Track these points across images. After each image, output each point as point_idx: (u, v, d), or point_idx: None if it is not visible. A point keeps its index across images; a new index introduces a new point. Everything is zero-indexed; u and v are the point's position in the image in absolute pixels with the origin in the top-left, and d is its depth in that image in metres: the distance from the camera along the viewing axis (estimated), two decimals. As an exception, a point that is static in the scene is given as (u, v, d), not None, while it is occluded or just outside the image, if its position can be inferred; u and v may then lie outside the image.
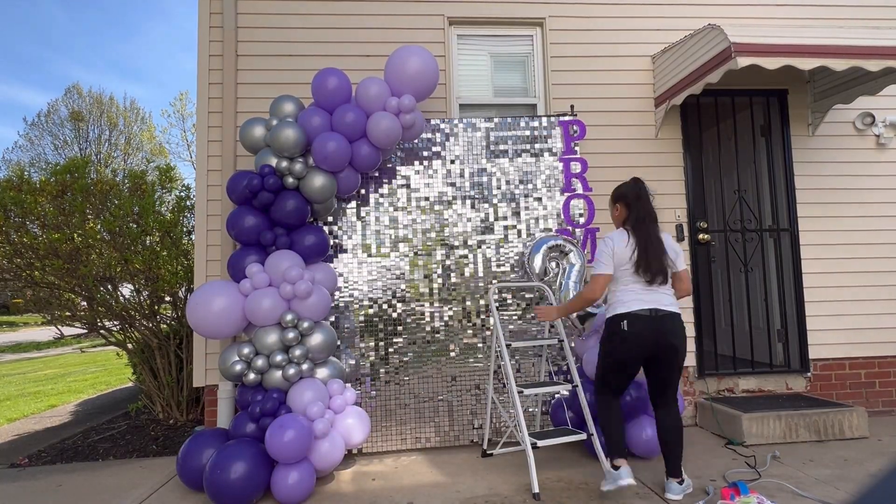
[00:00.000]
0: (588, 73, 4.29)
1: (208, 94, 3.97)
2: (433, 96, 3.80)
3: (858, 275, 4.30)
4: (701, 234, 4.26)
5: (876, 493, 0.54)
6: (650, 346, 2.67)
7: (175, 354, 4.54)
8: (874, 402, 4.25)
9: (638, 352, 2.69)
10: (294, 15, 4.13)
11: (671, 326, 2.68)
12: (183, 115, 23.09)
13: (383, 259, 3.75)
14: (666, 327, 2.67)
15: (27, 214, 4.28)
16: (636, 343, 2.66)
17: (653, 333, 2.66)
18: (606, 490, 2.70)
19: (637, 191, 2.79)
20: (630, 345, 2.68)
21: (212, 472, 2.75)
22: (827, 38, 3.45)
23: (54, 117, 22.29)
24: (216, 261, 3.84)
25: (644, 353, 2.70)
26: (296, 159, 3.32)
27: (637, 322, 2.66)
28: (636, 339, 2.66)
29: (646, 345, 2.66)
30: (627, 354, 2.70)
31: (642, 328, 2.66)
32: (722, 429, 3.76)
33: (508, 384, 3.09)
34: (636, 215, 2.75)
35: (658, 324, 2.66)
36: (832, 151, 4.41)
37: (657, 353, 2.69)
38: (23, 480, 3.38)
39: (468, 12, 4.26)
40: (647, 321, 2.66)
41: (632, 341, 2.67)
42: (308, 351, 3.14)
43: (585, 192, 3.89)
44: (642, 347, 2.67)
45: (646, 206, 2.76)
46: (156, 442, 4.07)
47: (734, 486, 2.61)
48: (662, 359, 2.71)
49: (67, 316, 4.53)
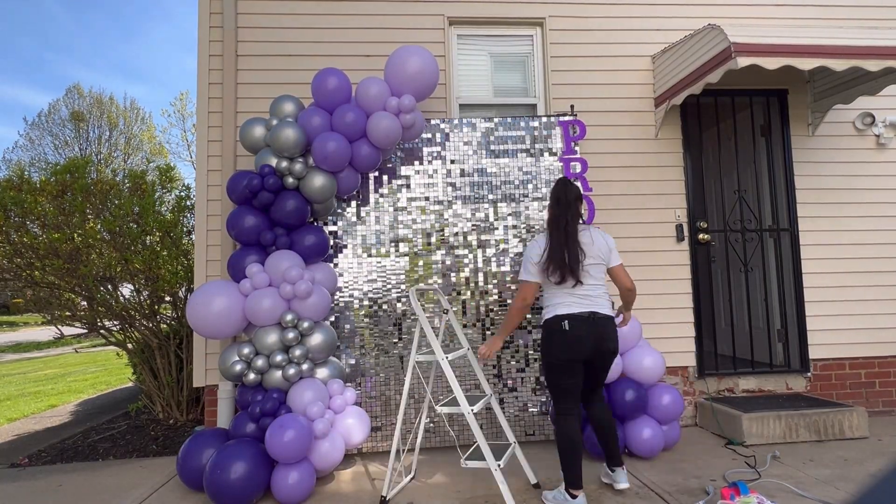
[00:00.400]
0: (588, 73, 4.29)
1: (208, 94, 3.97)
2: (433, 96, 3.80)
3: (858, 275, 4.30)
4: (701, 234, 4.26)
5: (876, 493, 0.54)
6: (590, 348, 2.64)
7: (175, 354, 4.54)
8: (874, 402, 4.25)
9: (579, 351, 2.63)
10: (294, 15, 4.13)
11: (607, 331, 2.68)
12: (183, 115, 23.12)
13: (383, 259, 3.75)
14: (603, 332, 2.66)
15: (27, 214, 4.28)
16: (576, 343, 2.62)
17: (593, 336, 2.64)
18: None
19: (556, 193, 2.79)
20: (572, 344, 2.62)
21: (212, 472, 2.75)
22: (827, 38, 3.44)
23: (55, 117, 22.30)
24: (216, 261, 3.84)
25: (584, 355, 2.64)
26: (296, 159, 3.32)
27: (577, 322, 2.63)
28: (576, 339, 2.62)
29: (586, 345, 2.63)
30: (571, 353, 2.63)
31: (582, 328, 2.63)
32: (722, 429, 3.76)
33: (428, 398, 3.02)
34: (550, 218, 2.78)
35: (598, 327, 2.65)
36: (832, 151, 4.41)
37: (594, 358, 2.68)
38: (23, 480, 3.38)
39: (468, 12, 4.26)
40: (587, 323, 2.64)
41: (572, 341, 2.62)
42: (308, 351, 3.14)
43: (586, 192, 3.88)
44: (582, 347, 2.62)
45: (561, 209, 2.73)
46: (156, 442, 4.07)
47: (734, 485, 2.61)
48: (598, 363, 2.72)
49: (67, 316, 4.53)
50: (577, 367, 2.67)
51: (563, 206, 2.73)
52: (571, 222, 2.71)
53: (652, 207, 4.21)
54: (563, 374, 2.67)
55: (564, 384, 2.68)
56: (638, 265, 4.07)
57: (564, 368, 2.66)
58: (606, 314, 2.71)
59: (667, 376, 4.08)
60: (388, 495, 2.79)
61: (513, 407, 3.69)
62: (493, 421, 3.66)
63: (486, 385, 3.05)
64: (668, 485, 2.92)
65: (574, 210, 2.73)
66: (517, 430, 3.65)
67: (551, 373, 2.71)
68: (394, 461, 2.88)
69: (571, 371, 2.66)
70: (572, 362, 2.65)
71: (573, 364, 2.65)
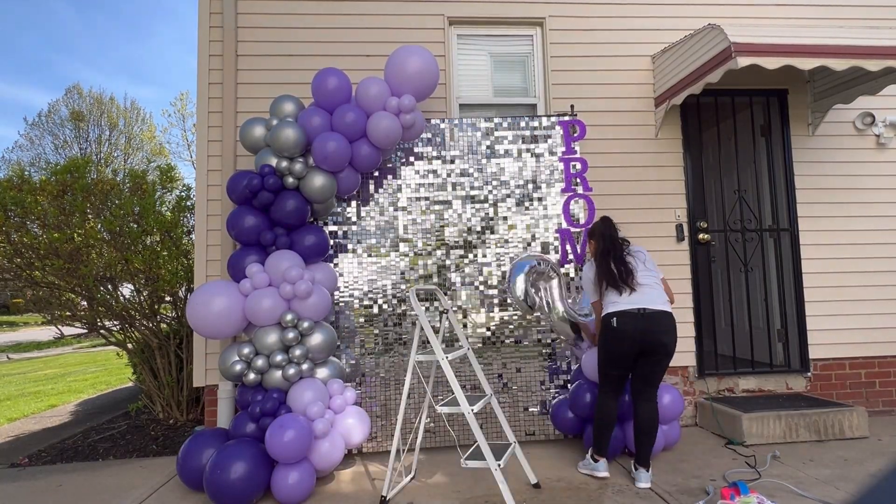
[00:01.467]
0: (588, 73, 4.29)
1: (208, 94, 3.97)
2: (433, 96, 3.80)
3: (858, 275, 4.30)
4: (701, 234, 4.26)
5: (876, 493, 0.54)
6: (638, 341, 2.86)
7: (175, 354, 4.54)
8: (874, 402, 4.25)
9: (628, 345, 2.88)
10: (294, 15, 4.13)
11: (658, 324, 2.87)
12: (183, 115, 23.12)
13: (383, 259, 3.75)
14: (653, 324, 2.87)
15: (27, 214, 4.28)
16: (624, 337, 2.88)
17: (640, 329, 2.86)
18: (580, 470, 3.13)
19: (600, 231, 3.15)
20: (619, 338, 2.89)
21: (212, 472, 2.75)
22: (827, 38, 3.44)
23: (55, 117, 22.28)
24: (216, 261, 3.84)
25: (633, 348, 2.88)
26: (296, 159, 3.32)
27: (625, 318, 2.89)
28: (624, 333, 2.88)
29: (634, 339, 2.87)
30: (618, 347, 2.91)
31: (629, 324, 2.88)
32: (722, 429, 3.76)
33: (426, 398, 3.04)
34: (600, 250, 3.10)
35: (645, 321, 2.87)
36: (832, 151, 4.41)
37: (644, 349, 2.88)
38: (23, 480, 3.38)
39: (468, 12, 4.26)
40: (634, 318, 2.88)
41: (620, 336, 2.88)
42: (308, 351, 3.14)
43: (586, 191, 3.89)
44: (631, 341, 2.87)
45: (607, 243, 3.09)
46: (156, 442, 4.07)
47: (734, 485, 2.61)
48: (650, 357, 2.90)
49: (67, 316, 4.53)
50: (625, 360, 2.93)
51: (608, 241, 3.10)
52: (616, 251, 3.06)
53: (652, 207, 4.21)
54: (608, 364, 2.99)
55: (610, 373, 3.01)
56: (638, 265, 4.07)
57: (610, 360, 2.97)
58: (658, 309, 2.90)
59: (667, 376, 4.08)
60: (388, 495, 2.79)
61: (513, 407, 3.69)
62: (493, 421, 3.66)
63: (487, 385, 3.05)
64: (669, 485, 2.92)
65: (617, 242, 3.10)
66: (517, 430, 3.65)
67: (600, 361, 3.04)
68: (394, 461, 2.87)
69: (617, 363, 2.96)
70: (619, 355, 2.93)
71: (620, 357, 2.93)
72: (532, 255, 3.70)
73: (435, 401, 3.44)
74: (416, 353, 2.85)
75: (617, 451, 3.30)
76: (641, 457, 2.96)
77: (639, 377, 2.98)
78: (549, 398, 3.70)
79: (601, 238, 3.15)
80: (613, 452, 3.28)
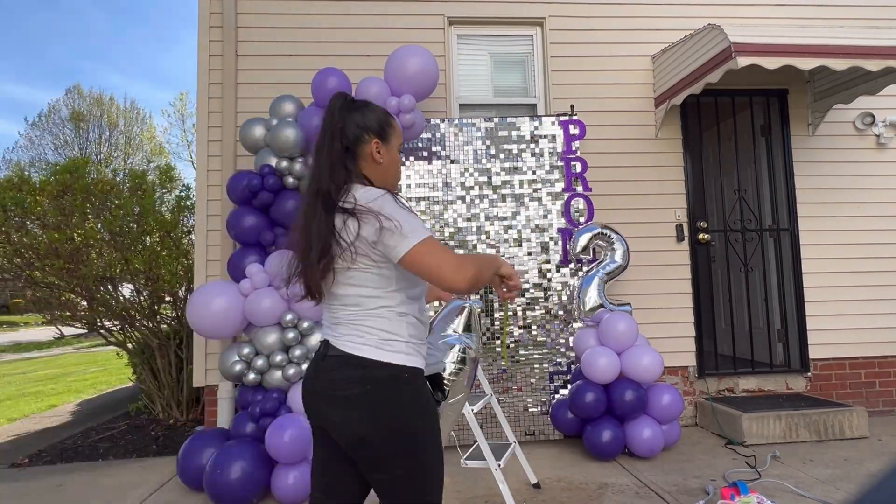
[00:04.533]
0: (588, 73, 4.29)
1: (208, 94, 3.97)
2: (433, 96, 3.80)
3: (858, 275, 4.30)
4: (701, 234, 4.26)
5: (876, 493, 0.54)
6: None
7: (175, 354, 4.54)
8: (874, 402, 4.25)
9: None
10: (294, 15, 4.13)
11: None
12: (183, 115, 23.12)
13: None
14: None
15: (27, 214, 4.28)
16: None
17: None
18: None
19: None
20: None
21: (212, 472, 2.75)
22: (827, 38, 3.45)
23: (55, 117, 22.29)
24: (216, 261, 3.83)
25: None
26: (296, 159, 3.32)
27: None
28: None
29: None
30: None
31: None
32: (722, 429, 3.76)
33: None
34: None
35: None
36: (832, 151, 4.41)
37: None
38: (23, 480, 3.38)
39: (468, 12, 4.26)
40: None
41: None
42: (308, 351, 3.14)
43: (586, 191, 3.89)
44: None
45: None
46: (156, 442, 4.07)
47: (734, 485, 2.61)
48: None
49: (67, 316, 4.53)
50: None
51: None
52: None
53: (652, 207, 4.21)
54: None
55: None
56: (638, 265, 4.07)
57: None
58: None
59: (667, 376, 4.08)
60: None
61: (513, 407, 3.69)
62: (493, 421, 3.66)
63: (487, 385, 3.05)
64: (668, 485, 2.92)
65: None
66: (517, 431, 3.65)
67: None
68: None
69: None
70: None
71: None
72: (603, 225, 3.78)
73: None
74: None
75: (617, 451, 3.30)
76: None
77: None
78: (549, 398, 3.70)
79: None
80: (614, 452, 3.28)
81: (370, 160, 1.43)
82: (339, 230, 1.31)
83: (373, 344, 1.33)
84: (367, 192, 1.35)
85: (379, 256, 1.33)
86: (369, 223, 1.29)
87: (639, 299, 4.02)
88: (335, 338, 1.38)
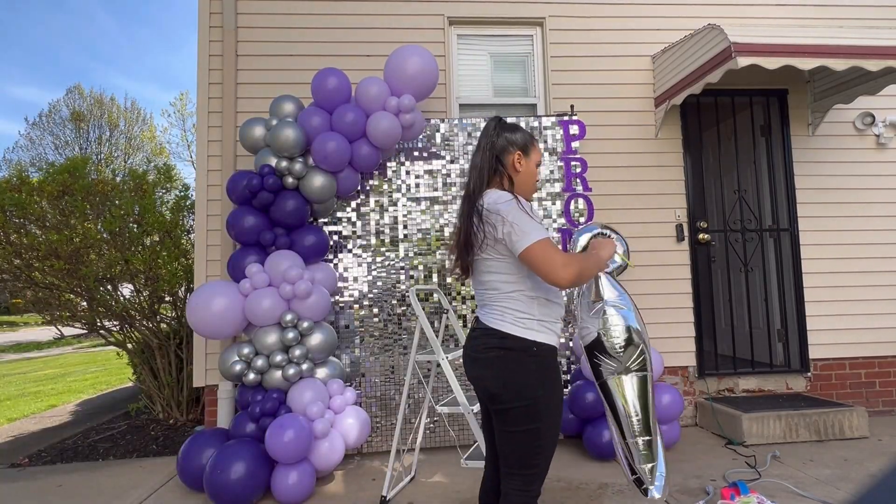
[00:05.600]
0: (588, 73, 4.29)
1: (208, 94, 3.97)
2: (433, 96, 3.80)
3: (858, 275, 4.30)
4: (701, 234, 4.26)
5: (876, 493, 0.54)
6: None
7: (175, 354, 4.54)
8: (874, 402, 4.25)
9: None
10: (294, 15, 4.13)
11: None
12: (183, 115, 23.10)
13: (383, 259, 3.75)
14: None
15: (27, 215, 4.27)
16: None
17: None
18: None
19: None
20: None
21: (212, 472, 2.75)
22: (827, 38, 3.44)
23: (55, 117, 22.28)
24: (216, 261, 3.83)
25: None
26: (296, 159, 3.32)
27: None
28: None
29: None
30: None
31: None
32: (722, 429, 3.76)
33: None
34: None
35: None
36: (832, 151, 4.41)
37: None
38: (23, 480, 3.38)
39: (468, 12, 4.26)
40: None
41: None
42: (308, 351, 3.14)
43: (586, 191, 3.89)
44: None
45: None
46: (156, 442, 4.07)
47: (734, 485, 2.61)
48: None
49: (67, 316, 4.53)
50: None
51: None
52: None
53: (652, 207, 4.21)
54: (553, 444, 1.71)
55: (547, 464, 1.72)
56: (638, 265, 4.07)
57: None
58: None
59: (667, 376, 4.08)
60: (389, 495, 2.79)
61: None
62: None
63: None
64: (669, 485, 2.92)
65: None
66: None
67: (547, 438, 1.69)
68: (394, 461, 2.87)
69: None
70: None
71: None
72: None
73: (435, 400, 3.44)
74: (416, 353, 2.85)
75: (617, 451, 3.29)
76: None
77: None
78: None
79: None
80: (614, 452, 3.28)
81: (512, 168, 1.77)
82: (475, 226, 1.67)
83: (510, 321, 1.66)
84: (496, 195, 1.67)
85: (504, 250, 1.64)
86: (493, 223, 1.62)
87: (639, 299, 3.99)
88: (482, 315, 1.76)
